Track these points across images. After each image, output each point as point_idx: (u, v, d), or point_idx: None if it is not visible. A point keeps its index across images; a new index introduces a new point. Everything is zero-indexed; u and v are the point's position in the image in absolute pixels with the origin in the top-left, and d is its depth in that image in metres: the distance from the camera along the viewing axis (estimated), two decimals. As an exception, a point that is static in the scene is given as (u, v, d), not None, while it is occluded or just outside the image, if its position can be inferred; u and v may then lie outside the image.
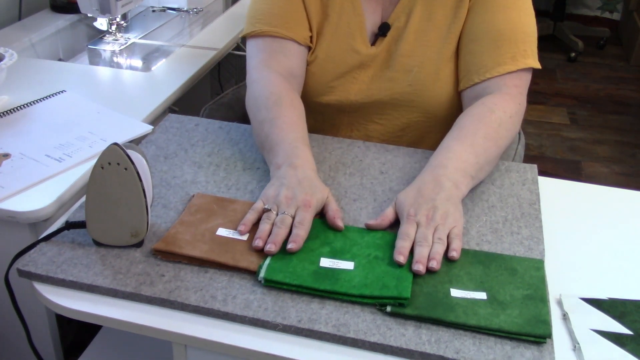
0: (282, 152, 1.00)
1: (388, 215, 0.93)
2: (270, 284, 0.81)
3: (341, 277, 0.82)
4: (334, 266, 0.84)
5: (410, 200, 0.92)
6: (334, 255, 0.86)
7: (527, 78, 1.13)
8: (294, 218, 0.90)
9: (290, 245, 0.86)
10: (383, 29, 1.18)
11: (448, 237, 0.88)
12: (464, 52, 1.15)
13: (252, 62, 1.18)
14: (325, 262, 0.85)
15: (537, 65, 1.12)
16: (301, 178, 0.94)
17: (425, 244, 0.86)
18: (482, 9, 1.13)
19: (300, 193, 0.92)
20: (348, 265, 0.84)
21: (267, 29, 1.16)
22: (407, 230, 0.88)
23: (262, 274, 0.81)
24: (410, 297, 0.79)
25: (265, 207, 0.91)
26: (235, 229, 0.90)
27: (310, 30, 1.19)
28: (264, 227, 0.88)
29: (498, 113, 1.05)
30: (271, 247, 0.85)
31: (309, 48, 1.20)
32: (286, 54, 1.16)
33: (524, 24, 1.12)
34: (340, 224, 0.92)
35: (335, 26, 1.19)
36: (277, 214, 0.90)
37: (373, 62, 1.19)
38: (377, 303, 0.79)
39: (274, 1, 1.18)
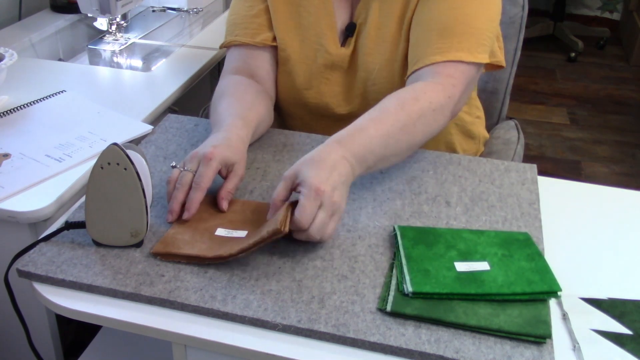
0: (215, 130, 1.01)
1: (281, 197, 0.87)
2: (419, 297, 0.79)
3: (484, 279, 0.81)
4: (470, 269, 0.83)
5: (321, 177, 0.84)
6: (464, 258, 0.85)
7: (465, 70, 1.04)
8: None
9: (185, 215, 0.88)
10: (349, 29, 1.17)
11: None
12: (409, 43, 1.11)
13: (222, 74, 1.20)
14: (461, 267, 0.84)
15: (474, 59, 1.04)
16: (220, 138, 0.94)
17: (319, 237, 0.83)
18: None
19: (206, 147, 0.91)
20: (483, 265, 0.84)
21: (230, 39, 1.20)
22: (312, 210, 0.82)
23: (409, 288, 0.79)
24: (561, 289, 0.80)
25: (171, 164, 0.92)
26: (234, 228, 0.90)
27: (274, 31, 1.19)
28: (174, 195, 0.90)
29: (422, 103, 0.98)
30: (169, 218, 0.89)
31: (275, 48, 1.20)
32: (246, 60, 1.19)
33: (468, 16, 1.05)
34: (224, 205, 0.92)
35: (307, 25, 1.18)
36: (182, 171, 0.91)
37: (343, 62, 1.18)
38: (529, 298, 0.80)
39: (236, 11, 1.21)
